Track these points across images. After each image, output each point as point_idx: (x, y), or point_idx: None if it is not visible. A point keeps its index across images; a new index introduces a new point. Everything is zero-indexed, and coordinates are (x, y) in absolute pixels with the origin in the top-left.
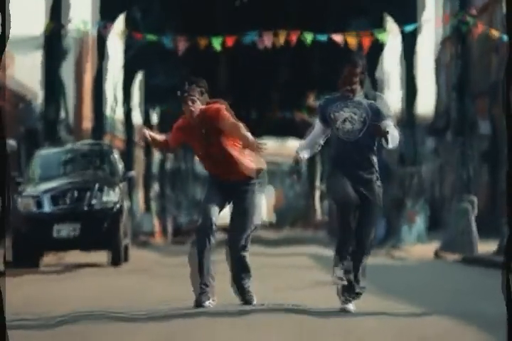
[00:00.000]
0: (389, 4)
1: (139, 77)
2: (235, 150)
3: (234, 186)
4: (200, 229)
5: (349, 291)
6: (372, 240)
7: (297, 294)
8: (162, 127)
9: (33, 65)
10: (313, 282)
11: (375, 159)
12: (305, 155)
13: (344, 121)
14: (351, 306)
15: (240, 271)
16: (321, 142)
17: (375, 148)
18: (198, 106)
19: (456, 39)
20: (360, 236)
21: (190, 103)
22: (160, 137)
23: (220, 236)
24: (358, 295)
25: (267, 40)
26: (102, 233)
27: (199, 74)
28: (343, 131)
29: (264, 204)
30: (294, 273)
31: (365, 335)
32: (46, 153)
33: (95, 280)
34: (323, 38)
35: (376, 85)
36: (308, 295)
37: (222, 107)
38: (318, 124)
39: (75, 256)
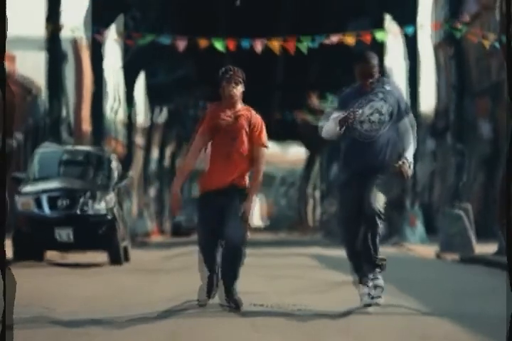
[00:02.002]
0: (388, 5)
1: (142, 76)
2: (245, 157)
3: (227, 193)
4: (207, 251)
5: (368, 268)
6: (382, 213)
7: (297, 294)
8: (170, 126)
9: (35, 66)
10: (312, 282)
11: (391, 156)
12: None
13: (363, 121)
14: (381, 300)
15: (230, 275)
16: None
17: (393, 145)
18: (240, 90)
19: (450, 43)
20: (366, 211)
21: (233, 85)
22: (181, 177)
23: None
24: (381, 267)
25: (259, 47)
26: (98, 237)
27: (200, 73)
28: (364, 130)
29: (256, 209)
30: (290, 274)
31: (365, 335)
32: (45, 152)
33: (96, 280)
34: (318, 42)
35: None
36: (309, 295)
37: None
38: (336, 115)
39: (76, 256)
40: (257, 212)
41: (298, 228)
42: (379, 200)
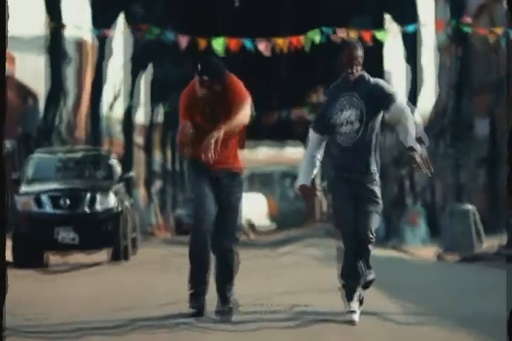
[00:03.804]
0: (388, 4)
1: (143, 75)
2: (233, 140)
3: (221, 178)
4: (199, 225)
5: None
6: (373, 239)
7: (297, 294)
8: (167, 126)
9: (35, 67)
10: (313, 282)
11: (374, 160)
12: (307, 182)
13: (342, 124)
14: (356, 317)
15: (223, 277)
16: (320, 154)
17: (374, 147)
18: (211, 91)
19: (455, 39)
20: (359, 236)
21: (205, 89)
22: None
23: None
24: (366, 286)
25: (263, 48)
26: (101, 236)
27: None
28: (341, 134)
29: (262, 209)
30: (293, 273)
31: (364, 336)
32: (43, 154)
33: (97, 280)
34: (327, 30)
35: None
36: (308, 296)
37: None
38: (312, 135)
39: (76, 256)
40: (262, 210)
41: (306, 222)
42: (372, 223)
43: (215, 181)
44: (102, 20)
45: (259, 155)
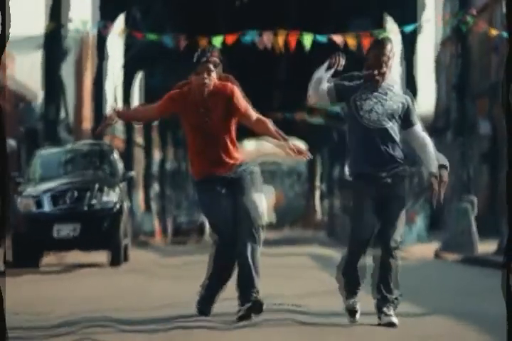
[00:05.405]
0: (389, 4)
1: (140, 76)
2: (230, 137)
3: (233, 177)
4: (225, 237)
5: (384, 304)
6: (400, 242)
7: (297, 295)
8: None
9: (33, 65)
10: (313, 282)
11: (400, 150)
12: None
13: (370, 110)
14: (394, 319)
15: (248, 273)
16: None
17: (399, 139)
18: (213, 78)
19: (456, 39)
20: (385, 237)
21: (205, 74)
22: (132, 110)
23: None
24: (393, 304)
25: (267, 40)
26: (102, 233)
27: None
28: (369, 120)
29: (264, 203)
30: (294, 273)
31: (364, 336)
32: (46, 153)
33: (95, 281)
34: (322, 38)
35: None
36: (308, 296)
37: (236, 90)
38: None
39: (74, 256)
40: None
41: (305, 223)
42: (399, 229)
43: (227, 183)
44: (104, 16)
45: (261, 151)
